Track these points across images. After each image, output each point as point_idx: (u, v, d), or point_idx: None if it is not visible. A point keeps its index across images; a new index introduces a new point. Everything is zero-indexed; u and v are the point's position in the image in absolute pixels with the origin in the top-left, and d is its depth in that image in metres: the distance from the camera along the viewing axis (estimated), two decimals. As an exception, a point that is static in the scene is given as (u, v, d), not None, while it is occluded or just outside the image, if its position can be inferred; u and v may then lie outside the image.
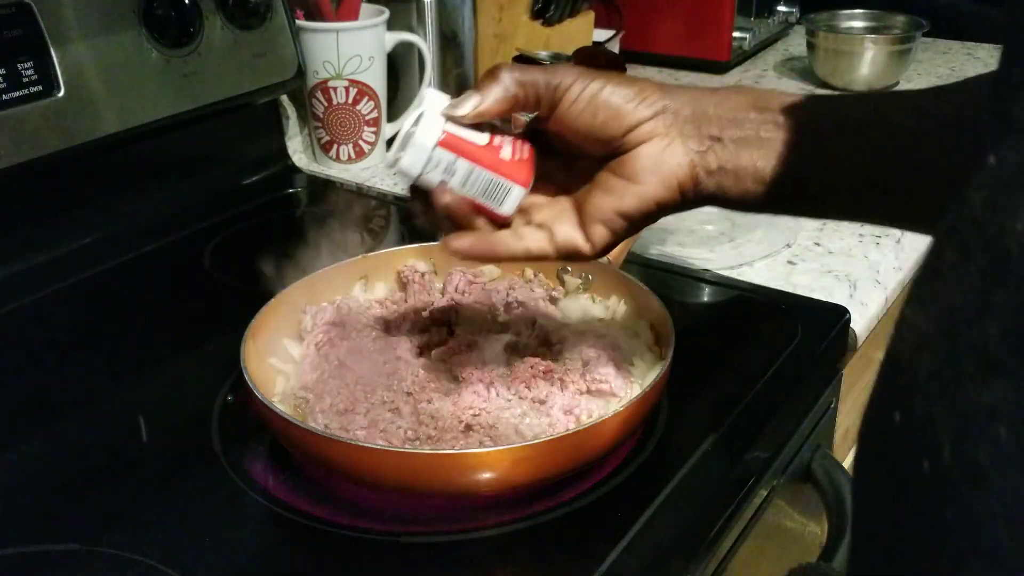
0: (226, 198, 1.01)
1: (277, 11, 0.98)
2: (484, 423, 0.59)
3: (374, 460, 0.55)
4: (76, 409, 0.70)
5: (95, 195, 0.90)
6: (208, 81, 0.92)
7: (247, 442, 0.64)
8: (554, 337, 0.68)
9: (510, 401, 0.61)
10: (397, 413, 0.60)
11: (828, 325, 0.76)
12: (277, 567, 0.55)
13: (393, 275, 0.77)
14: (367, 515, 0.57)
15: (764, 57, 1.53)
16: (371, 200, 1.04)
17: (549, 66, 0.63)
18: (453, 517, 0.58)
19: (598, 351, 0.64)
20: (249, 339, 0.63)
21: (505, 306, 0.71)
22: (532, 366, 0.63)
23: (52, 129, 0.80)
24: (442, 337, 0.69)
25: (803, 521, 0.78)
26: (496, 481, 0.56)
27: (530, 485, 0.58)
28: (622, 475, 0.60)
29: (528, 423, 0.59)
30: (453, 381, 0.63)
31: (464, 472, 0.56)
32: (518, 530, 0.56)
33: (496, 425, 0.59)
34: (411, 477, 0.56)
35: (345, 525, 0.56)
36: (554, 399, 0.61)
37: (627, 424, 0.59)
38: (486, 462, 0.55)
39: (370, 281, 0.76)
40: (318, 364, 0.65)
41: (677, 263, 0.86)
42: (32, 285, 0.83)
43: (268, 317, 0.67)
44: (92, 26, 0.83)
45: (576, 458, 0.58)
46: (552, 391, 0.62)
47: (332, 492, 0.59)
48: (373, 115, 1.07)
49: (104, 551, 0.55)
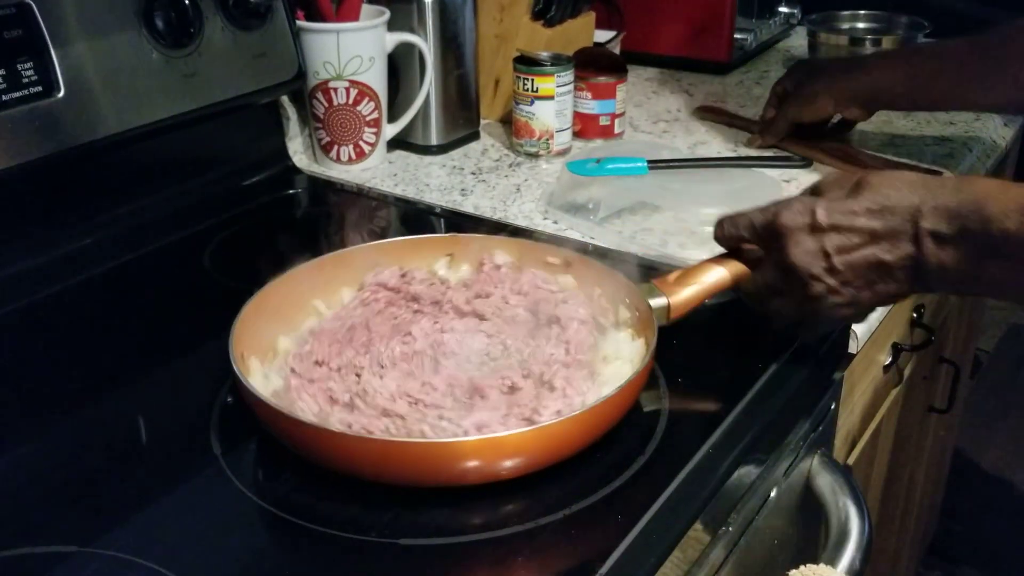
0: (226, 199, 1.00)
1: (277, 11, 0.98)
2: (398, 412, 0.61)
3: (351, 447, 0.57)
4: (76, 409, 0.70)
5: (95, 195, 0.90)
6: (208, 82, 0.92)
7: (247, 443, 0.64)
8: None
9: (445, 399, 0.63)
10: (351, 378, 0.64)
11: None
12: (276, 569, 0.55)
13: (447, 257, 0.79)
14: (367, 517, 0.57)
15: (765, 58, 1.53)
16: (372, 201, 1.04)
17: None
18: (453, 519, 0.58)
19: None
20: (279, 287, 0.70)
21: (545, 316, 0.70)
22: (503, 378, 0.64)
23: (52, 130, 0.80)
24: (467, 326, 0.70)
25: (804, 524, 0.78)
26: (474, 471, 0.57)
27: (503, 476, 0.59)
28: (622, 478, 0.60)
29: (441, 425, 0.60)
30: (430, 366, 0.66)
31: (427, 461, 0.57)
32: (518, 532, 0.56)
33: (406, 417, 0.61)
34: (389, 466, 0.57)
35: (345, 527, 0.56)
36: (482, 413, 0.61)
37: (576, 428, 0.59)
38: (459, 452, 0.57)
39: (455, 260, 0.78)
40: (343, 317, 0.71)
41: (677, 264, 0.86)
42: (32, 285, 0.83)
43: (334, 269, 0.75)
44: (92, 26, 0.83)
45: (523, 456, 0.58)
46: (492, 405, 0.62)
47: (332, 494, 0.59)
48: (374, 116, 1.07)
49: (103, 552, 0.55)
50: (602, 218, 0.93)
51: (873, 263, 0.64)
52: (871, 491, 1.17)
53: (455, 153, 1.15)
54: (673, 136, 1.19)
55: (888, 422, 1.15)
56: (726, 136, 1.18)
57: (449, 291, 0.74)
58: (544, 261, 0.76)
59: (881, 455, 1.17)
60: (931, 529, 1.86)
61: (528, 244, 0.78)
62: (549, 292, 0.73)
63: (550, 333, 0.68)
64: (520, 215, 0.97)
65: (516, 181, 1.06)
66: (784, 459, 0.70)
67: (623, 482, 0.60)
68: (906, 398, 1.22)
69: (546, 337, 0.68)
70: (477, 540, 0.56)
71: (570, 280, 0.75)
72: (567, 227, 0.94)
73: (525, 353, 0.67)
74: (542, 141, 1.11)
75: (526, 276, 0.75)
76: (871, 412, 1.06)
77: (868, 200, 0.63)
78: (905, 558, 1.62)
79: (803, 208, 0.65)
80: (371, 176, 1.08)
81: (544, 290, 0.73)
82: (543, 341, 0.68)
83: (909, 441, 1.34)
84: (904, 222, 0.62)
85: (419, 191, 1.04)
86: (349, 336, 0.69)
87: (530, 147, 1.11)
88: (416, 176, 1.09)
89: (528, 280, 0.74)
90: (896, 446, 1.24)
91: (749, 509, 0.66)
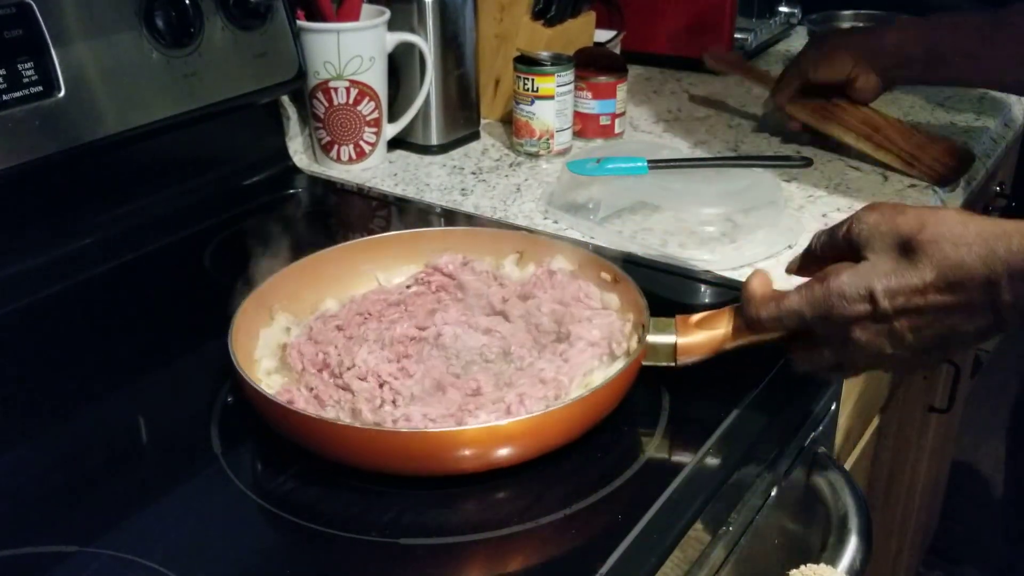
0: (227, 199, 1.00)
1: (278, 11, 0.98)
2: (352, 387, 0.64)
3: (342, 436, 0.59)
4: (76, 409, 0.70)
5: (95, 195, 0.90)
6: (208, 81, 0.92)
7: (247, 442, 0.64)
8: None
9: (412, 387, 0.64)
10: (355, 349, 0.66)
11: (829, 327, 0.76)
12: (277, 569, 0.55)
13: (516, 255, 0.80)
14: (367, 517, 0.57)
15: (765, 58, 1.52)
16: (372, 200, 1.04)
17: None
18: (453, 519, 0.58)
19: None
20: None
21: (562, 331, 0.70)
22: (474, 380, 0.64)
23: (52, 130, 0.80)
24: (488, 324, 0.71)
25: (804, 523, 0.78)
26: (468, 460, 0.58)
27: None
28: (622, 477, 0.60)
29: (382, 411, 0.62)
30: (423, 353, 0.68)
31: (423, 450, 0.58)
32: (518, 532, 0.56)
33: (356, 394, 0.63)
34: (379, 454, 0.58)
35: (345, 527, 0.56)
36: (426, 408, 0.62)
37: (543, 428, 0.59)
38: (455, 441, 0.58)
39: (524, 259, 0.79)
40: (391, 291, 0.75)
41: (678, 264, 0.86)
42: (32, 285, 0.83)
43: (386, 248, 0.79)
44: (93, 26, 0.83)
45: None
46: (445, 402, 0.63)
47: (332, 493, 0.59)
48: (374, 116, 1.07)
49: (103, 552, 0.55)
50: (602, 218, 0.93)
51: (947, 334, 0.58)
52: (871, 491, 1.17)
53: (455, 153, 1.15)
54: (673, 136, 1.19)
55: (888, 422, 1.15)
56: (726, 136, 1.18)
57: (494, 287, 0.75)
58: (599, 275, 0.74)
59: (881, 455, 1.17)
60: (931, 529, 1.86)
61: (589, 256, 0.76)
62: (584, 307, 0.71)
63: (556, 348, 0.68)
64: (520, 215, 0.97)
65: (516, 181, 1.06)
66: (784, 459, 0.70)
67: (623, 482, 0.60)
68: (906, 398, 1.22)
69: (551, 351, 0.67)
70: (477, 540, 0.56)
71: (614, 299, 0.73)
72: (567, 227, 0.94)
73: (524, 363, 0.67)
74: (542, 141, 1.11)
75: (573, 287, 0.73)
76: (871, 412, 1.06)
77: (932, 272, 0.56)
78: (905, 558, 1.62)
79: (858, 293, 0.58)
80: (371, 176, 1.08)
81: (582, 304, 0.72)
82: (544, 355, 0.67)
83: (909, 441, 1.34)
84: (981, 295, 0.55)
85: (419, 191, 1.04)
86: (381, 310, 0.72)
87: (530, 147, 1.11)
88: (416, 176, 1.09)
89: (573, 291, 0.73)
90: (896, 446, 1.25)
91: (749, 509, 0.66)
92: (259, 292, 0.71)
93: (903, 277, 0.57)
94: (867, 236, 0.59)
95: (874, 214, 0.59)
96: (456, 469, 0.59)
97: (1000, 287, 0.54)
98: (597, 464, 0.61)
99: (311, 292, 0.75)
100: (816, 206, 0.99)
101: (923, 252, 0.56)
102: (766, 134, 1.18)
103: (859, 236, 0.60)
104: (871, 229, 0.59)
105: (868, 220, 0.59)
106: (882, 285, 0.57)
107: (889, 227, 0.58)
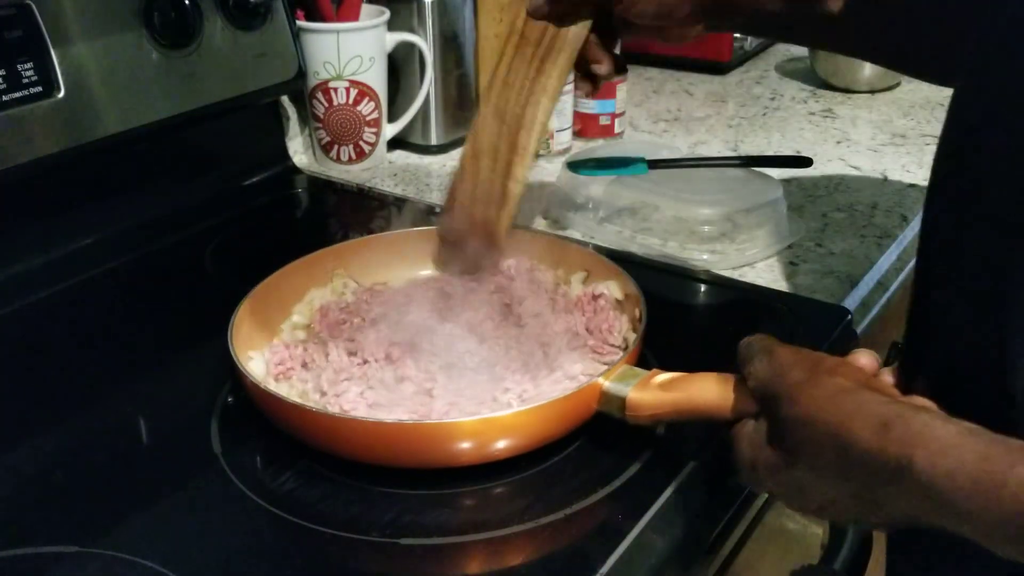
0: (226, 199, 1.00)
1: (277, 12, 0.98)
2: (319, 364, 0.66)
3: (337, 427, 0.59)
4: (76, 410, 0.70)
5: (95, 195, 0.90)
6: (208, 81, 0.92)
7: (247, 442, 0.64)
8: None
9: (382, 373, 0.64)
10: (360, 334, 0.68)
11: (830, 326, 0.76)
12: (277, 569, 0.55)
13: (584, 273, 0.78)
14: (367, 517, 0.57)
15: (765, 58, 1.52)
16: (372, 201, 1.04)
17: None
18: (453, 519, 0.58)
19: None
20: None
21: (560, 357, 0.68)
22: (432, 380, 0.64)
23: (52, 130, 0.80)
24: (494, 331, 0.71)
25: (804, 523, 0.78)
26: (467, 452, 0.59)
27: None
28: (622, 477, 0.60)
29: (332, 391, 0.63)
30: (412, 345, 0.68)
31: (422, 442, 0.59)
32: (518, 532, 0.56)
33: (322, 373, 0.64)
34: (377, 446, 0.59)
35: (345, 527, 0.56)
36: (375, 394, 0.63)
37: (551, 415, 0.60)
38: (456, 433, 0.58)
39: (591, 278, 0.77)
40: (441, 282, 0.75)
41: (678, 263, 0.86)
42: (32, 285, 0.83)
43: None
44: (92, 26, 0.83)
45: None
46: (395, 394, 0.63)
47: (333, 493, 0.59)
48: (374, 116, 1.07)
49: (103, 553, 0.55)
50: (602, 218, 0.93)
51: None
52: (871, 491, 1.17)
53: (455, 153, 1.15)
54: (673, 136, 1.19)
55: (888, 422, 1.15)
56: (726, 136, 1.18)
57: (530, 299, 0.73)
58: (635, 311, 0.70)
59: (881, 455, 1.17)
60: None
61: (636, 293, 0.70)
62: (600, 342, 0.70)
63: (537, 375, 0.65)
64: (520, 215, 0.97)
65: (516, 181, 1.06)
66: (784, 459, 0.70)
67: (623, 482, 0.59)
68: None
69: (532, 376, 0.65)
70: (477, 540, 0.56)
71: (633, 337, 0.69)
72: (567, 227, 0.94)
73: (507, 382, 0.64)
74: (542, 141, 1.10)
75: (607, 318, 0.71)
76: (871, 412, 1.06)
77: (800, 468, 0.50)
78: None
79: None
80: (371, 176, 1.08)
81: (601, 336, 0.70)
82: (521, 377, 0.65)
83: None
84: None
85: (419, 191, 1.04)
86: (409, 298, 0.73)
87: (530, 147, 1.11)
88: (416, 176, 1.09)
89: (604, 323, 0.71)
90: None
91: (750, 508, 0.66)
92: (284, 271, 0.74)
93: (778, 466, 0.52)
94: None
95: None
96: (423, 462, 0.60)
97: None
98: (597, 464, 0.61)
99: (381, 266, 0.79)
100: (816, 206, 0.99)
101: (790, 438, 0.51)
102: (766, 134, 1.18)
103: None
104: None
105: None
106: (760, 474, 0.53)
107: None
